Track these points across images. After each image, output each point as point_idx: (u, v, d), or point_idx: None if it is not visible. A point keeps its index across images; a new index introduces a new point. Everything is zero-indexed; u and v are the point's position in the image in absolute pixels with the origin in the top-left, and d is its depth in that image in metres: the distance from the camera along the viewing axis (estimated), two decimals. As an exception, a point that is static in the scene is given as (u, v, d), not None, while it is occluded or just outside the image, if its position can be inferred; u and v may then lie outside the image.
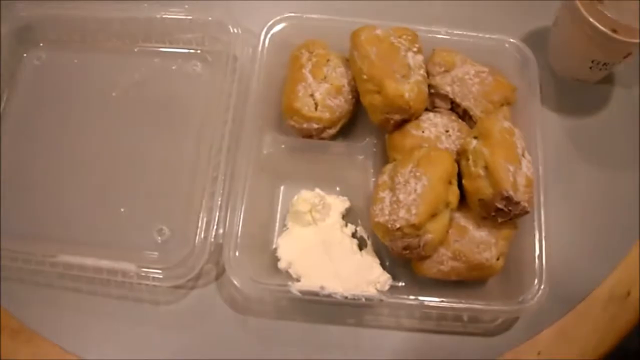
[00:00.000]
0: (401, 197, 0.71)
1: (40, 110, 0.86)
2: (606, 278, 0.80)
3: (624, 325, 0.78)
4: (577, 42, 0.82)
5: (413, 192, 0.71)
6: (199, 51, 0.88)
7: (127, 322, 0.76)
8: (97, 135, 0.84)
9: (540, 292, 0.73)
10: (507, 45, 0.84)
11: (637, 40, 0.78)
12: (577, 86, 0.89)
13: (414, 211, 0.70)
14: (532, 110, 0.81)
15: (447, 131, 0.78)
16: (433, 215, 0.71)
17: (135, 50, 0.88)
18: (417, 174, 0.71)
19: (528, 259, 0.75)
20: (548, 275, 0.73)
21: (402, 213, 0.70)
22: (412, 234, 0.70)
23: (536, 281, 0.73)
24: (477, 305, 0.73)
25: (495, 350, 0.76)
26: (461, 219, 0.75)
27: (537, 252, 0.74)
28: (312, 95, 0.78)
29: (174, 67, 0.87)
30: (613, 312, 0.78)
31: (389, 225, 0.70)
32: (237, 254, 0.73)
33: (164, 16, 0.85)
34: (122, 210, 0.80)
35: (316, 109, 0.78)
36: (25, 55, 0.88)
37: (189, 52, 0.88)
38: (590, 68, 0.84)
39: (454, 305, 0.72)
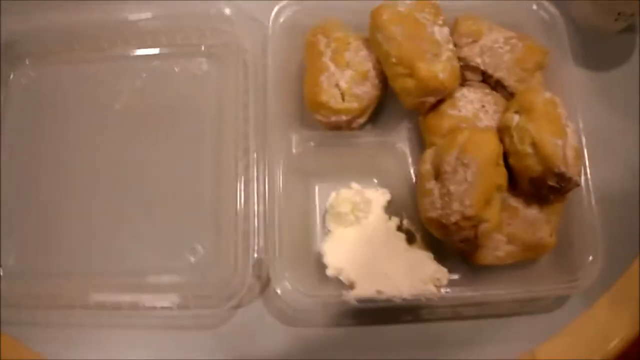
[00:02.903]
0: (452, 188, 0.62)
1: (38, 135, 0.73)
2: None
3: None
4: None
5: (464, 181, 0.62)
6: (202, 47, 0.76)
7: (173, 352, 0.67)
8: (105, 155, 0.72)
9: (597, 263, 0.66)
10: (533, 6, 0.74)
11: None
12: (600, 38, 0.79)
13: (467, 202, 0.61)
14: (565, 72, 0.72)
15: (483, 106, 0.69)
16: (487, 202, 0.63)
17: (132, 55, 0.76)
18: (465, 160, 0.63)
19: (579, 229, 0.68)
20: (602, 243, 0.67)
21: (455, 206, 0.62)
22: (469, 225, 0.62)
23: (592, 252, 0.66)
24: (538, 289, 0.67)
25: (554, 325, 0.69)
26: (510, 200, 0.67)
27: (588, 221, 0.67)
28: (337, 85, 0.68)
29: (177, 69, 0.75)
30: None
31: (444, 220, 0.63)
32: (281, 265, 0.65)
33: (158, 13, 0.73)
34: (147, 234, 0.69)
35: (343, 99, 0.68)
36: (11, 76, 0.75)
37: (191, 50, 0.75)
38: (616, 20, 0.76)
39: (516, 292, 0.66)
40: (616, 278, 0.70)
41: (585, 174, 0.69)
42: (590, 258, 0.67)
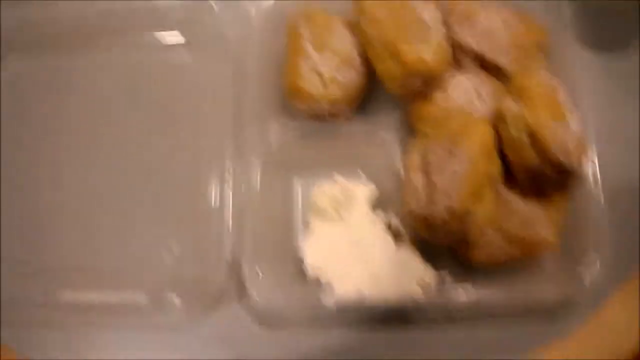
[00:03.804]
0: (438, 180, 0.55)
1: (18, 131, 0.67)
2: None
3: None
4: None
5: (451, 172, 0.54)
6: (182, 38, 0.69)
7: (147, 353, 0.60)
8: (84, 149, 0.66)
9: (605, 263, 0.57)
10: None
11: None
12: (613, 16, 0.69)
13: (454, 196, 0.54)
14: (572, 55, 0.63)
15: (477, 92, 0.61)
16: (477, 196, 0.55)
17: (113, 48, 0.69)
18: (454, 150, 0.55)
19: (586, 229, 0.59)
20: (610, 243, 0.58)
21: (440, 199, 0.54)
22: (455, 221, 0.54)
23: (600, 253, 0.57)
24: (539, 292, 0.58)
25: (558, 331, 0.60)
26: (506, 193, 0.58)
27: (595, 217, 0.59)
28: (317, 71, 0.61)
29: (157, 61, 0.68)
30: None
31: (428, 216, 0.55)
32: (257, 265, 0.58)
33: (136, 5, 0.67)
34: (121, 230, 0.63)
35: (324, 86, 0.61)
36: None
37: (171, 41, 0.69)
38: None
39: (515, 295, 0.58)
40: (626, 279, 0.61)
41: (594, 168, 0.60)
42: (598, 259, 0.57)
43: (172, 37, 0.69)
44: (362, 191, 0.62)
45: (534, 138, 0.55)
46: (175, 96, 0.67)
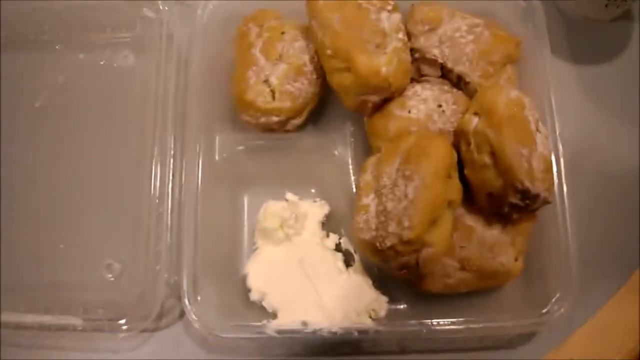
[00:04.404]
0: (389, 205, 0.49)
1: None
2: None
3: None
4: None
5: (403, 197, 0.48)
6: (128, 38, 0.62)
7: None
8: (21, 157, 0.60)
9: (569, 295, 0.51)
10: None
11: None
12: (587, 27, 0.63)
13: (406, 223, 0.47)
14: (543, 67, 0.56)
15: (439, 106, 0.55)
16: (432, 223, 0.49)
17: (55, 47, 0.62)
18: (407, 172, 0.49)
19: (551, 254, 0.54)
20: (577, 272, 0.52)
21: (392, 227, 0.48)
22: (408, 250, 0.48)
23: (564, 282, 0.52)
24: (495, 323, 0.52)
25: (519, 363, 0.57)
26: (466, 217, 0.53)
27: (562, 245, 0.53)
28: (266, 81, 0.55)
29: (102, 62, 0.62)
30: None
31: (378, 244, 0.49)
32: (197, 286, 0.53)
33: (83, 2, 0.60)
34: (61, 246, 0.57)
35: (274, 97, 0.55)
36: None
37: (117, 41, 0.62)
38: (607, 6, 0.60)
39: (468, 326, 0.51)
40: (593, 312, 0.55)
41: (561, 187, 0.53)
42: (563, 289, 0.52)
43: (117, 36, 0.62)
44: (313, 209, 0.56)
45: (497, 160, 0.49)
46: (119, 99, 0.61)
